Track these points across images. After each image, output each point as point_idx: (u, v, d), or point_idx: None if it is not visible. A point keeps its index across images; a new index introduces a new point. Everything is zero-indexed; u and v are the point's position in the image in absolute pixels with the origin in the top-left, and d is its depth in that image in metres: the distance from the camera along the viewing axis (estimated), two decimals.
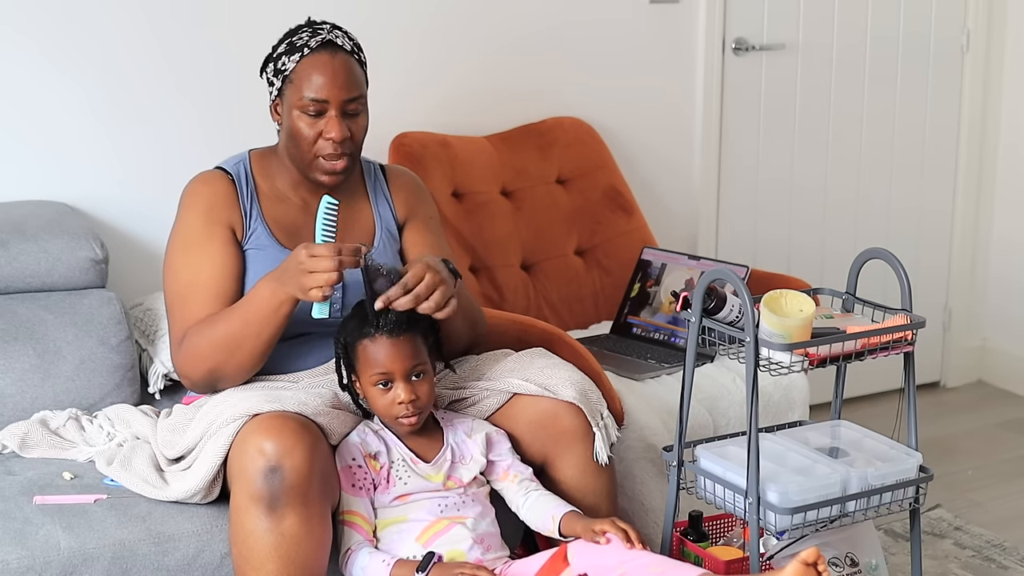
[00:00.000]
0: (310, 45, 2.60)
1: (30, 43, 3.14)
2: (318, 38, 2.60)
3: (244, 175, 2.70)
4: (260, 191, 2.70)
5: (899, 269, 2.61)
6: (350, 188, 2.75)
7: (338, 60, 2.60)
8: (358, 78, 2.63)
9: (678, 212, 4.02)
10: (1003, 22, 4.44)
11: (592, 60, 3.83)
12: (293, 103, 2.60)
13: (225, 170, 2.70)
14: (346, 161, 2.62)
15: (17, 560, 2.33)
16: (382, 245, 2.74)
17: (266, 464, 2.32)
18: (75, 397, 2.84)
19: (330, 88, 2.58)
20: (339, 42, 2.62)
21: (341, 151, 2.61)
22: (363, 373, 2.47)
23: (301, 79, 2.59)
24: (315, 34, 2.61)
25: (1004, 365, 4.60)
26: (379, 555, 2.40)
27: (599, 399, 2.65)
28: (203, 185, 2.68)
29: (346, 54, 2.62)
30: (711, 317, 2.53)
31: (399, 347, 2.45)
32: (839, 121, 4.25)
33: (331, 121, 2.58)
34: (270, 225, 2.67)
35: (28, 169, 3.19)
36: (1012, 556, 3.37)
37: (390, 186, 2.81)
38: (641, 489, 2.96)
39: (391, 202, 2.79)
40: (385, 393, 2.46)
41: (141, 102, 3.27)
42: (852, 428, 2.71)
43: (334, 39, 2.61)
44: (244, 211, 2.66)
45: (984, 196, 4.54)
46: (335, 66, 2.59)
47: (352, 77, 2.61)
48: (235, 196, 2.66)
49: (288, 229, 2.68)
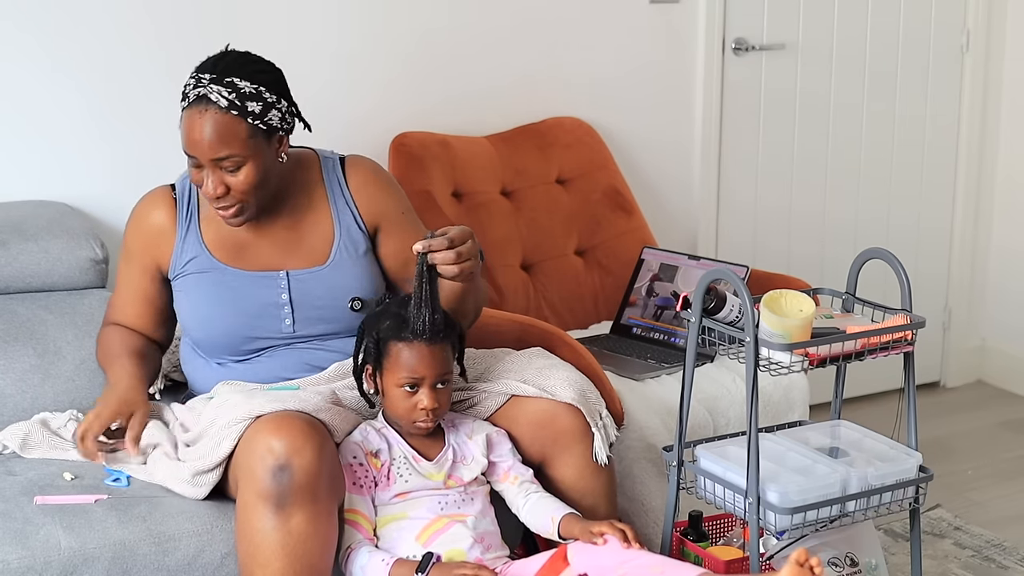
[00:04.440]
0: (188, 97, 2.50)
1: (31, 43, 3.14)
2: (197, 90, 2.48)
3: (187, 193, 2.67)
4: (202, 211, 2.66)
5: (899, 269, 2.61)
6: (306, 192, 2.68)
7: (205, 117, 2.47)
8: (226, 136, 2.47)
9: (678, 212, 4.02)
10: (1003, 22, 4.43)
11: (592, 60, 3.83)
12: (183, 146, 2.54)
13: (173, 187, 2.69)
14: (236, 210, 2.55)
15: (17, 560, 2.33)
16: (338, 257, 2.66)
17: (275, 463, 2.32)
18: (75, 397, 2.83)
19: (196, 145, 2.48)
20: (212, 97, 2.46)
21: (224, 204, 2.54)
22: (391, 373, 2.47)
23: (183, 128, 2.52)
24: (198, 83, 2.49)
25: (1004, 365, 4.60)
26: (379, 554, 2.41)
27: (598, 399, 2.65)
28: (142, 213, 2.71)
29: (217, 110, 2.46)
30: (711, 317, 2.53)
31: (434, 355, 2.45)
32: (839, 121, 4.25)
33: (208, 177, 2.51)
34: (208, 246, 2.64)
35: (28, 169, 3.19)
36: (1012, 556, 3.37)
37: (349, 182, 2.71)
38: (641, 489, 2.96)
39: (353, 205, 2.69)
40: (409, 396, 2.46)
41: (141, 103, 3.27)
42: (852, 428, 2.71)
43: (208, 93, 2.47)
44: (178, 237, 2.65)
45: (984, 197, 4.54)
46: (200, 125, 2.47)
47: (217, 136, 2.47)
48: (170, 221, 2.65)
49: (230, 249, 2.64)
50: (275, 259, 2.65)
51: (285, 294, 2.63)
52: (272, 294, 2.63)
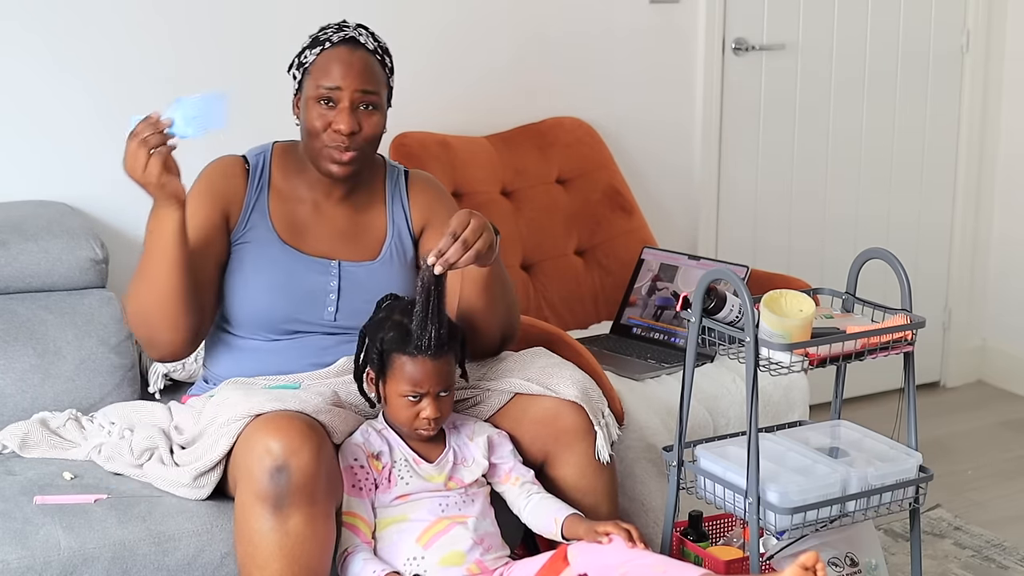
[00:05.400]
0: (332, 39, 2.62)
1: (31, 42, 3.14)
2: (341, 34, 2.62)
3: (261, 166, 2.71)
4: (273, 185, 2.70)
5: (899, 269, 2.61)
6: (369, 191, 2.75)
7: (357, 55, 2.61)
8: (375, 75, 2.62)
9: (678, 212, 4.03)
10: (1003, 22, 4.44)
11: (592, 60, 3.83)
12: (309, 93, 2.61)
13: (245, 158, 2.72)
14: (355, 154, 2.61)
15: (17, 560, 2.33)
16: (388, 255, 2.72)
17: (273, 464, 2.32)
18: (75, 397, 2.84)
19: (343, 77, 2.58)
20: (361, 39, 2.63)
21: (348, 144, 2.60)
22: (394, 383, 2.47)
23: (318, 70, 2.60)
24: (340, 30, 2.64)
25: (1004, 365, 4.60)
26: (372, 564, 2.40)
27: (600, 397, 2.65)
28: (215, 169, 2.70)
29: (366, 51, 2.62)
30: (711, 317, 2.53)
31: (438, 368, 2.45)
32: (839, 121, 4.25)
33: (341, 112, 2.58)
34: (273, 220, 2.67)
35: (28, 169, 3.19)
36: (1012, 556, 3.37)
37: (409, 191, 2.79)
38: (641, 489, 2.96)
39: (408, 209, 2.77)
40: (412, 406, 2.46)
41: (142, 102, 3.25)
42: (852, 428, 2.71)
43: (356, 36, 2.63)
44: (247, 203, 2.67)
45: (984, 196, 4.54)
46: (352, 59, 2.60)
47: (368, 72, 2.61)
48: (243, 186, 2.67)
49: (293, 228, 2.68)
50: (330, 247, 2.69)
51: (335, 282, 2.66)
52: (322, 280, 2.65)
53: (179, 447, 2.58)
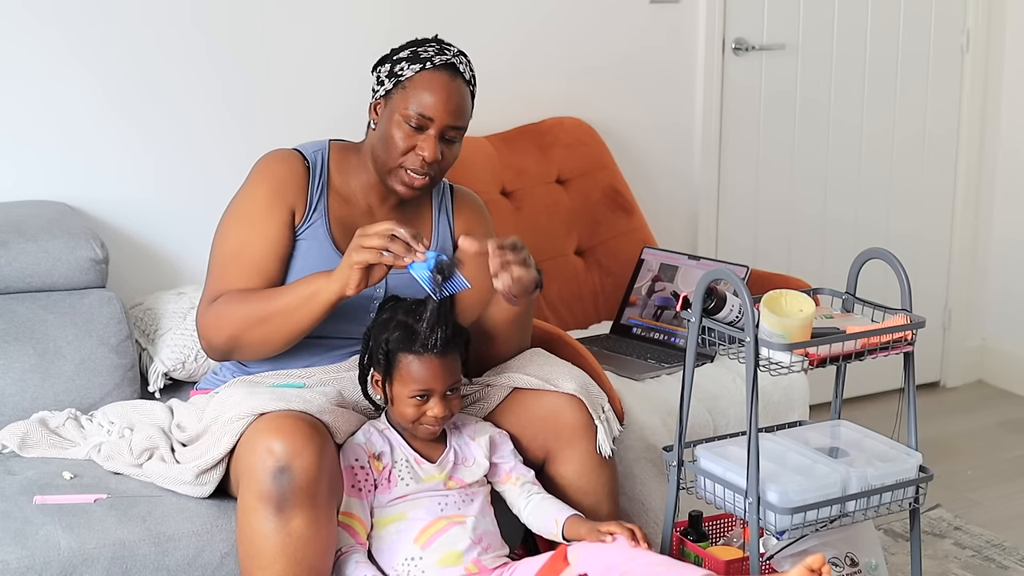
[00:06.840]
0: (434, 61, 2.59)
1: (31, 43, 3.14)
2: (444, 57, 2.61)
3: (321, 164, 2.70)
4: (332, 185, 2.70)
5: (899, 269, 2.61)
6: (418, 200, 2.75)
7: (455, 85, 2.60)
8: (466, 109, 2.63)
9: (678, 212, 4.03)
10: (1003, 22, 4.44)
11: (592, 60, 3.83)
12: (398, 109, 2.59)
13: (303, 154, 2.70)
14: (427, 180, 2.62)
15: (17, 560, 2.33)
16: None
17: (275, 464, 2.32)
18: (75, 397, 2.84)
19: (440, 110, 2.58)
20: (461, 68, 2.62)
21: (427, 171, 2.61)
22: (401, 384, 2.46)
23: (415, 90, 2.58)
24: (442, 52, 2.62)
25: (1004, 365, 4.60)
26: (363, 569, 2.40)
27: (599, 393, 2.66)
28: (278, 162, 2.68)
29: (464, 82, 2.62)
30: (711, 317, 2.53)
31: (445, 366, 2.45)
32: (839, 121, 4.25)
33: (428, 140, 2.58)
34: (331, 221, 2.66)
35: (28, 169, 3.19)
36: (1012, 556, 3.37)
37: (454, 205, 2.81)
38: (641, 489, 2.96)
39: (451, 221, 2.79)
40: (419, 406, 2.46)
41: (141, 102, 3.27)
42: (852, 428, 2.71)
43: (458, 64, 2.62)
44: (310, 201, 2.66)
45: (984, 196, 4.54)
46: (451, 90, 2.59)
47: (463, 106, 2.62)
48: (306, 181, 2.66)
49: (347, 230, 2.64)
50: None
51: (381, 288, 2.64)
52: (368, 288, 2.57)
53: (180, 445, 2.58)
